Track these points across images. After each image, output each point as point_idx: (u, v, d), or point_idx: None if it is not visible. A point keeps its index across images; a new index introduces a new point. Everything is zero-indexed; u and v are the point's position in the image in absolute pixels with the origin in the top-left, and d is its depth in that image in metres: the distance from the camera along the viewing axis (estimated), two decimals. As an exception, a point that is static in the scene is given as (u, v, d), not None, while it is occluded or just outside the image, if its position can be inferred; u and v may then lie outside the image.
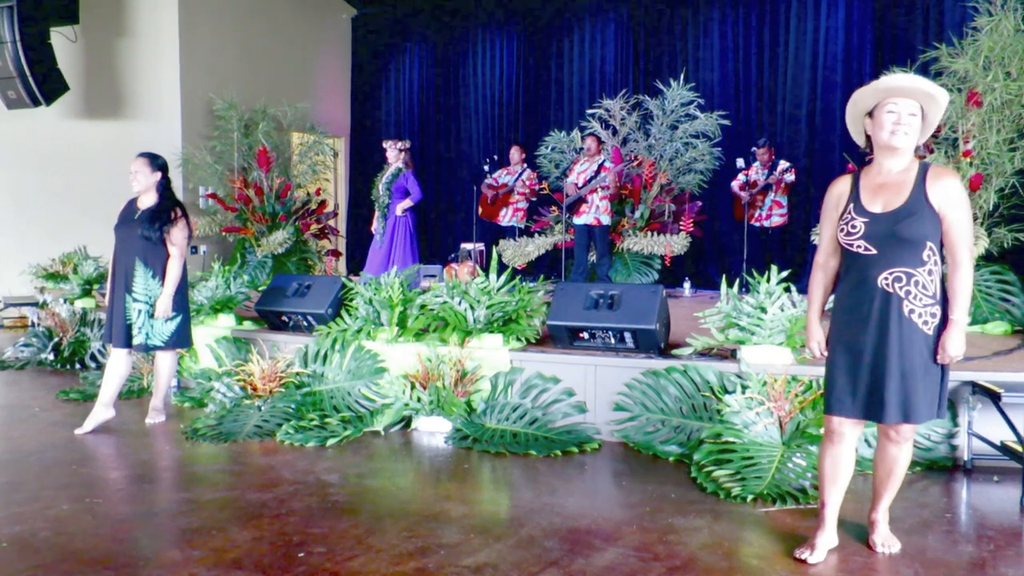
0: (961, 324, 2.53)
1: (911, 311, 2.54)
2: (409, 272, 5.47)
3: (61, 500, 3.30)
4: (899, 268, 2.54)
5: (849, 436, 2.71)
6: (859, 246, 2.60)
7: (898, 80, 2.58)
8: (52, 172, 9.01)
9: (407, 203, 7.02)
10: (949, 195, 2.53)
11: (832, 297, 2.80)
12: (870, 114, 2.65)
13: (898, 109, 2.57)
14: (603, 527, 3.03)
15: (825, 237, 2.78)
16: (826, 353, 2.77)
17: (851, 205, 2.65)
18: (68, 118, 8.89)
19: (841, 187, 2.73)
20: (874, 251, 2.57)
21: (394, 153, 7.12)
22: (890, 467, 2.72)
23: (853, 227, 2.61)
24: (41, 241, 8.62)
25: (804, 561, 2.71)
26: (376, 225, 7.16)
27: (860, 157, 3.20)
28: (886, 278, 2.55)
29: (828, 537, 2.78)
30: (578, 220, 8.04)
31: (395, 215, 7.02)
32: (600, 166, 7.93)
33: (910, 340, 2.54)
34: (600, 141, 8.24)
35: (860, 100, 2.66)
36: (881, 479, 2.77)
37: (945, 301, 2.58)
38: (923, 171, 2.58)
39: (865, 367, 2.59)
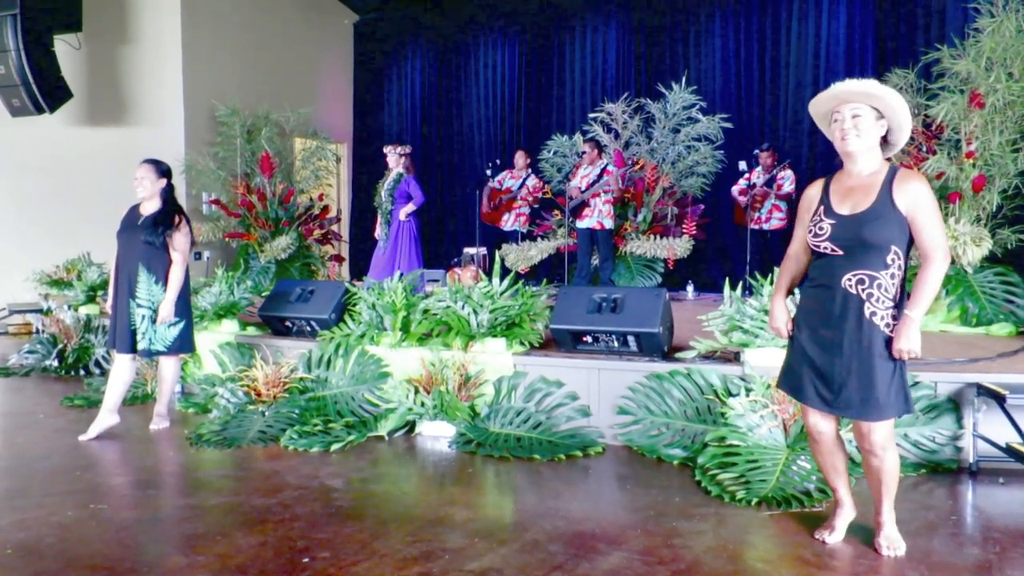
0: (914, 320, 2.55)
1: (872, 313, 2.59)
2: (412, 276, 5.47)
3: (66, 506, 3.30)
4: (863, 271, 2.58)
5: (827, 430, 2.80)
6: (826, 247, 2.66)
7: (836, 87, 2.63)
8: (56, 179, 9.03)
9: (410, 207, 7.04)
10: (916, 199, 2.56)
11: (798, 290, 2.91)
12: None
13: (841, 116, 2.63)
14: (607, 531, 3.03)
15: (798, 237, 2.87)
16: (786, 334, 2.87)
17: (821, 207, 2.71)
18: (72, 125, 8.93)
19: (814, 190, 2.81)
20: (840, 252, 2.63)
21: (394, 158, 7.13)
22: (876, 476, 2.74)
23: (821, 229, 2.67)
24: (45, 247, 8.64)
25: (823, 541, 2.86)
26: (380, 231, 7.17)
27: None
28: (849, 279, 2.61)
29: (846, 516, 2.92)
30: (581, 224, 8.05)
31: (399, 220, 7.03)
32: (603, 170, 7.93)
33: (869, 340, 2.59)
34: (599, 147, 8.24)
35: (815, 112, 2.75)
36: (873, 487, 2.81)
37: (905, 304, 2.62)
38: (891, 175, 2.62)
39: (826, 363, 2.66)
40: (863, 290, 2.58)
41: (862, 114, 2.61)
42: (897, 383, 2.61)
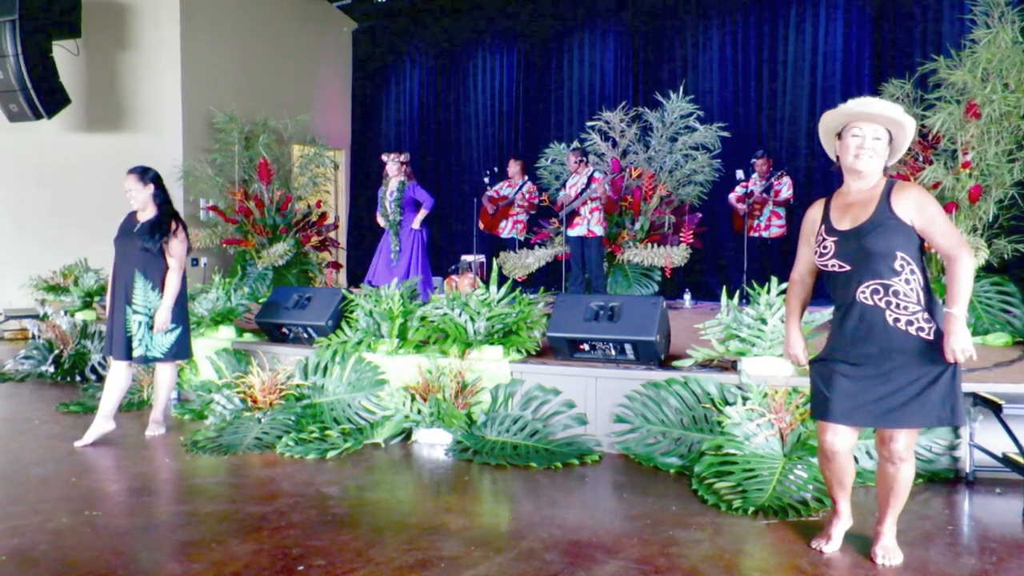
0: (958, 317, 2.49)
1: (896, 320, 2.56)
2: (411, 283, 5.46)
3: (60, 513, 3.29)
4: (874, 281, 2.58)
5: (843, 448, 2.75)
6: (833, 265, 2.66)
7: (864, 105, 2.61)
8: (53, 185, 9.03)
9: (423, 214, 6.98)
10: (919, 207, 2.56)
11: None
12: (840, 135, 2.70)
13: (862, 133, 2.62)
14: (604, 539, 3.02)
15: (801, 258, 2.89)
16: (804, 360, 2.85)
17: (823, 227, 2.72)
18: (70, 131, 8.93)
19: (815, 212, 2.82)
20: (848, 267, 2.63)
21: (395, 166, 7.04)
22: (889, 485, 2.73)
23: (825, 248, 2.68)
24: (42, 253, 8.63)
25: (820, 551, 2.86)
26: (389, 243, 7.04)
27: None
28: (863, 291, 2.60)
29: (843, 525, 2.92)
30: (572, 232, 8.05)
31: (411, 229, 6.95)
32: (590, 178, 7.94)
33: (902, 349, 2.56)
34: (584, 154, 8.24)
35: (828, 122, 2.73)
36: (883, 496, 2.79)
37: (935, 308, 2.59)
38: (889, 187, 2.63)
39: (862, 379, 2.61)
40: (880, 299, 2.56)
41: (883, 137, 2.62)
42: (942, 389, 2.54)
